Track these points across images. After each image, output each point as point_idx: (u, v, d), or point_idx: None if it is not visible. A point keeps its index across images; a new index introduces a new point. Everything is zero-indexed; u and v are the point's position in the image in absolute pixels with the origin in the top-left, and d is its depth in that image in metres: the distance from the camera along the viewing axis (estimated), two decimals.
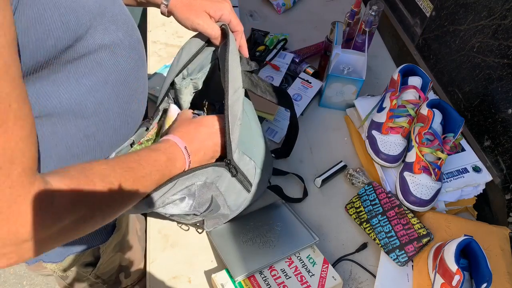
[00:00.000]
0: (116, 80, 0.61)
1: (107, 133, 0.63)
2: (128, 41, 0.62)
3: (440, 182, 0.87)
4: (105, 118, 0.61)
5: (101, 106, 0.60)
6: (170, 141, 0.64)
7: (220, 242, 0.81)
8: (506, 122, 0.88)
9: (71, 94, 0.55)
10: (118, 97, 0.62)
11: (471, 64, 0.97)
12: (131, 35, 0.64)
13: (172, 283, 0.80)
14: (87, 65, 0.55)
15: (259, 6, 1.41)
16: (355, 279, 0.83)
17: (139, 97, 0.68)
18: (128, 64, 0.63)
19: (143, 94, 0.70)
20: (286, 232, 0.83)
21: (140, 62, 0.67)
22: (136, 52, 0.65)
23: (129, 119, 0.67)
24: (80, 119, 0.58)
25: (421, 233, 0.82)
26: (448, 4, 1.03)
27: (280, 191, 0.92)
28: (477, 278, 0.74)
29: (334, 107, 1.12)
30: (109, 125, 0.63)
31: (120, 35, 0.60)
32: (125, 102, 0.64)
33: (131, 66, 0.64)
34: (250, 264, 0.76)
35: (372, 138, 0.96)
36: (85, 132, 0.59)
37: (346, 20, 1.14)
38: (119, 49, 0.60)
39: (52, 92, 0.53)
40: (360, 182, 0.95)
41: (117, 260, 0.86)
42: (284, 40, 1.24)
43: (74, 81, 0.55)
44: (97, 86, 0.58)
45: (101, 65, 0.57)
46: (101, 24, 0.55)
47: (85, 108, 0.57)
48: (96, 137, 0.62)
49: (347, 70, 1.06)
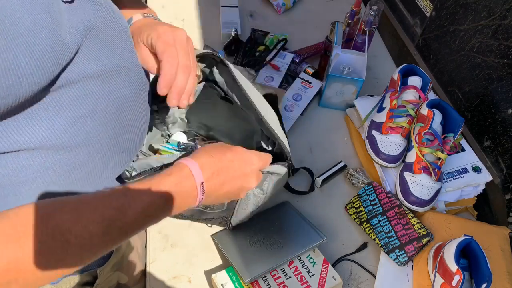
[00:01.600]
0: (105, 110, 0.55)
1: (96, 164, 0.56)
2: (127, 64, 0.57)
3: (440, 182, 0.87)
4: (93, 150, 0.55)
5: (86, 138, 0.53)
6: (186, 169, 0.53)
7: (226, 246, 0.80)
8: (506, 122, 0.88)
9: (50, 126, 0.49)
10: (107, 128, 0.56)
11: (471, 64, 0.97)
12: (133, 57, 0.59)
13: (172, 283, 0.80)
14: (70, 97, 0.50)
15: (259, 6, 1.41)
16: (355, 279, 0.83)
17: (135, 125, 0.61)
18: (122, 92, 0.57)
19: (141, 121, 0.63)
20: (293, 232, 0.83)
21: (139, 86, 0.61)
22: (135, 75, 0.60)
23: (121, 149, 0.60)
24: (62, 152, 0.52)
25: (421, 233, 0.82)
26: (448, 4, 1.03)
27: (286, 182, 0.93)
28: (477, 278, 0.74)
29: (334, 107, 1.12)
30: (98, 157, 0.56)
31: (115, 60, 0.55)
32: (115, 133, 0.57)
33: (127, 93, 0.58)
34: (260, 266, 0.75)
35: (372, 138, 0.96)
36: (70, 165, 0.53)
37: (346, 20, 1.14)
38: (111, 76, 0.54)
39: (25, 126, 0.47)
40: (360, 182, 0.95)
41: (115, 279, 0.82)
42: (284, 40, 1.24)
43: (54, 113, 0.49)
44: (82, 118, 0.52)
45: (86, 96, 0.52)
46: (88, 52, 0.51)
47: (67, 140, 0.51)
48: (84, 169, 0.55)
49: (347, 70, 1.06)
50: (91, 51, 0.51)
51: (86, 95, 0.52)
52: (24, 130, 0.47)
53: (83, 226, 0.44)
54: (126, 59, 0.57)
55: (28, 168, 0.49)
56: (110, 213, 0.46)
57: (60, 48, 0.45)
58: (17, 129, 0.46)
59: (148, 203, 0.49)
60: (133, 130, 0.61)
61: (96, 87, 0.53)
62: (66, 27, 0.47)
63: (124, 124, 0.59)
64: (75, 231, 0.43)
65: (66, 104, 0.50)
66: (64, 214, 0.44)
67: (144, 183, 0.50)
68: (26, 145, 0.47)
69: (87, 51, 0.51)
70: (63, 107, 0.49)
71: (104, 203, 0.46)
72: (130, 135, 0.61)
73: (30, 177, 0.50)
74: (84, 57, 0.50)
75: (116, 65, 0.55)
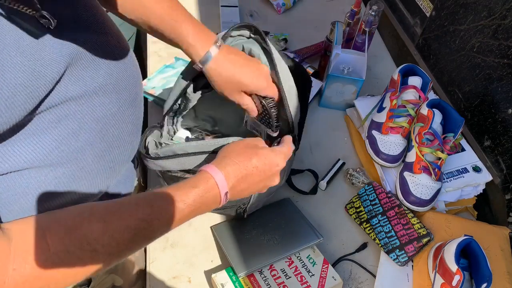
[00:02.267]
0: (90, 130, 0.54)
1: (83, 182, 0.56)
2: (114, 82, 0.56)
3: (440, 182, 0.87)
4: (78, 168, 0.55)
5: (71, 157, 0.53)
6: (211, 180, 0.54)
7: (224, 239, 0.81)
8: (506, 122, 0.88)
9: (33, 150, 0.49)
10: (93, 147, 0.56)
11: (471, 64, 0.97)
12: (121, 73, 0.58)
13: (172, 283, 0.80)
14: (51, 119, 0.49)
15: (259, 6, 1.41)
16: (355, 279, 0.83)
17: (123, 141, 0.61)
18: (108, 110, 0.56)
19: (130, 136, 0.63)
20: (290, 230, 0.83)
21: (128, 100, 0.60)
22: (126, 92, 0.59)
23: (109, 165, 0.60)
24: (46, 171, 0.51)
25: (421, 233, 0.82)
26: (448, 4, 1.03)
27: (290, 181, 0.94)
28: (477, 278, 0.74)
29: (334, 107, 1.12)
30: (84, 175, 0.56)
31: (99, 79, 0.54)
32: (101, 151, 0.57)
33: (114, 111, 0.57)
34: (253, 261, 0.76)
35: (372, 138, 0.96)
36: (55, 184, 0.53)
37: (346, 20, 1.14)
38: (95, 95, 0.54)
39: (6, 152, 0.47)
40: (360, 182, 0.95)
41: (109, 282, 0.83)
42: (284, 40, 1.24)
43: (36, 137, 0.49)
44: (66, 139, 0.52)
45: (67, 117, 0.51)
46: (70, 76, 0.49)
47: (51, 161, 0.51)
48: (70, 186, 0.55)
49: (347, 70, 1.06)
50: (74, 75, 0.50)
51: (68, 117, 0.51)
52: (6, 157, 0.47)
53: (110, 236, 0.46)
54: (112, 76, 0.57)
55: (10, 190, 0.50)
56: (136, 223, 0.48)
57: (35, 82, 0.44)
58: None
59: (174, 214, 0.50)
60: (121, 146, 0.61)
61: (78, 107, 0.52)
62: (44, 59, 0.45)
63: (111, 141, 0.58)
64: (103, 240, 0.45)
65: (47, 127, 0.49)
66: (92, 224, 0.46)
67: (169, 192, 0.51)
68: (8, 171, 0.48)
69: (70, 76, 0.50)
70: (44, 130, 0.49)
71: (131, 213, 0.48)
72: (118, 151, 0.61)
73: (11, 199, 0.51)
74: (67, 82, 0.49)
75: (101, 84, 0.54)
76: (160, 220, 0.50)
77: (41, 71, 0.44)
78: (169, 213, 0.50)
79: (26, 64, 0.43)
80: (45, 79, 0.45)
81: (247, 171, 0.58)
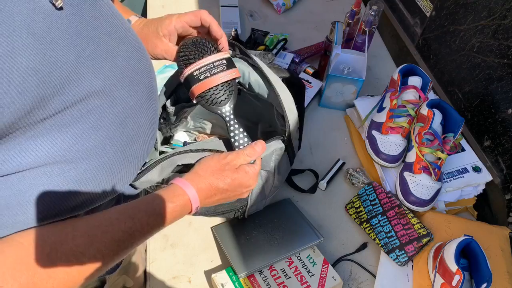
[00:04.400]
0: (110, 124, 0.53)
1: (102, 177, 0.56)
2: (130, 74, 0.56)
3: (440, 182, 0.87)
4: (98, 164, 0.54)
5: (91, 153, 0.52)
6: (185, 196, 0.60)
7: (224, 239, 0.82)
8: (506, 122, 0.88)
9: (53, 146, 0.48)
10: (113, 141, 0.55)
11: (471, 64, 0.97)
12: (136, 65, 0.57)
13: (172, 283, 0.80)
14: (74, 115, 0.48)
15: (259, 6, 1.41)
16: (355, 279, 0.83)
17: (141, 135, 0.61)
18: (126, 104, 0.56)
19: (148, 130, 0.62)
20: (291, 230, 0.83)
21: (145, 94, 0.60)
22: (142, 85, 0.59)
23: (128, 160, 0.59)
24: (67, 168, 0.51)
25: (421, 233, 0.82)
26: (448, 4, 1.03)
27: (290, 179, 0.95)
28: (477, 278, 0.74)
29: (334, 107, 1.12)
30: (104, 171, 0.55)
31: (117, 71, 0.53)
32: (121, 145, 0.57)
33: (132, 104, 0.57)
34: (254, 262, 0.76)
35: (372, 138, 0.96)
36: (75, 181, 0.52)
37: (346, 20, 1.14)
38: (114, 89, 0.53)
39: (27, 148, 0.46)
40: (360, 182, 0.95)
41: (121, 283, 0.85)
42: (284, 40, 1.24)
43: (57, 132, 0.48)
44: (86, 134, 0.51)
45: (90, 113, 0.50)
46: (89, 68, 0.49)
47: (71, 157, 0.50)
48: (90, 183, 0.54)
49: (347, 70, 1.06)
50: (93, 66, 0.49)
51: (90, 112, 0.50)
52: (26, 152, 0.46)
53: (96, 249, 0.48)
54: (129, 68, 0.56)
55: (34, 188, 0.49)
56: (119, 235, 0.51)
57: (47, 68, 0.42)
58: (19, 151, 0.45)
59: (153, 225, 0.56)
60: (139, 141, 0.61)
61: (99, 102, 0.51)
62: (56, 43, 0.43)
63: (130, 135, 0.58)
64: (88, 254, 0.47)
65: (70, 121, 0.48)
66: (77, 239, 0.47)
67: (147, 205, 0.56)
68: (30, 166, 0.47)
69: (88, 66, 0.48)
70: (66, 125, 0.48)
71: (113, 226, 0.51)
72: (137, 146, 0.60)
73: (36, 196, 0.50)
74: (86, 72, 0.48)
75: (119, 77, 0.54)
76: (141, 232, 0.54)
77: (52, 56, 0.43)
78: (149, 225, 0.55)
79: (37, 47, 0.41)
80: (57, 65, 0.43)
81: (218, 190, 0.63)
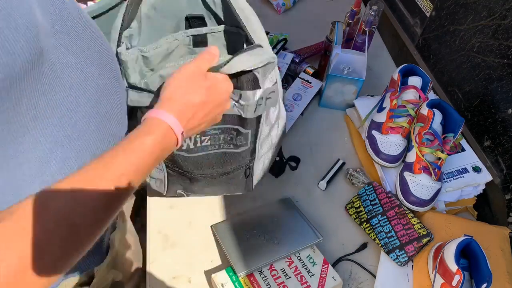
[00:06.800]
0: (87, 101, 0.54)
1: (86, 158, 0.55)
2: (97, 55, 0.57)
3: (440, 182, 0.87)
4: (81, 144, 0.54)
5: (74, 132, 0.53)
6: (163, 124, 0.54)
7: (224, 238, 0.82)
8: (506, 122, 0.88)
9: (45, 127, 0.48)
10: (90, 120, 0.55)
11: (471, 64, 0.97)
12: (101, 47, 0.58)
13: (172, 283, 0.80)
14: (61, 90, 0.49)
15: (259, 6, 1.41)
16: (355, 279, 0.83)
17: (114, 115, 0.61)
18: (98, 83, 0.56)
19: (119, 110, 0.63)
20: (290, 229, 0.83)
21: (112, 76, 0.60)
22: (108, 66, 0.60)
23: (108, 139, 0.59)
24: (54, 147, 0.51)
25: (421, 233, 0.82)
26: (448, 4, 1.03)
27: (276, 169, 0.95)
28: (477, 278, 0.74)
29: (334, 107, 1.12)
30: (88, 151, 0.55)
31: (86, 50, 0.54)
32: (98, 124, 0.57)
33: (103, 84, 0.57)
34: (253, 261, 0.77)
35: (372, 138, 0.96)
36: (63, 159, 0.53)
37: (346, 20, 1.14)
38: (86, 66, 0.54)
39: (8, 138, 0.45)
40: (360, 182, 0.95)
41: (110, 277, 0.84)
42: (284, 40, 1.24)
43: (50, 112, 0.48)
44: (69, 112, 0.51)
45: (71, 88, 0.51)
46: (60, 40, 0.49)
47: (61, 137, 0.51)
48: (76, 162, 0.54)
49: (347, 70, 1.06)
50: (63, 39, 0.49)
51: (72, 87, 0.51)
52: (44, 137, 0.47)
53: (84, 204, 0.43)
54: (95, 49, 0.57)
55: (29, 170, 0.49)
56: (105, 184, 0.46)
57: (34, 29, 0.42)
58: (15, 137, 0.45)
59: (139, 165, 0.50)
60: (114, 120, 0.60)
61: (77, 78, 0.51)
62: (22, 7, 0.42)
63: (105, 113, 0.58)
64: (78, 211, 0.43)
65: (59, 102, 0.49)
66: (61, 198, 0.43)
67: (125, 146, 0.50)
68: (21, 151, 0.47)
69: (59, 38, 0.49)
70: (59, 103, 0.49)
71: (94, 178, 0.46)
72: (112, 125, 0.60)
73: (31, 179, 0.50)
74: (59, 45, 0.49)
75: (87, 55, 0.54)
76: (127, 176, 0.48)
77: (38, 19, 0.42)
78: (134, 165, 0.49)
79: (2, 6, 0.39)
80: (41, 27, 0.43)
81: (196, 105, 0.58)
